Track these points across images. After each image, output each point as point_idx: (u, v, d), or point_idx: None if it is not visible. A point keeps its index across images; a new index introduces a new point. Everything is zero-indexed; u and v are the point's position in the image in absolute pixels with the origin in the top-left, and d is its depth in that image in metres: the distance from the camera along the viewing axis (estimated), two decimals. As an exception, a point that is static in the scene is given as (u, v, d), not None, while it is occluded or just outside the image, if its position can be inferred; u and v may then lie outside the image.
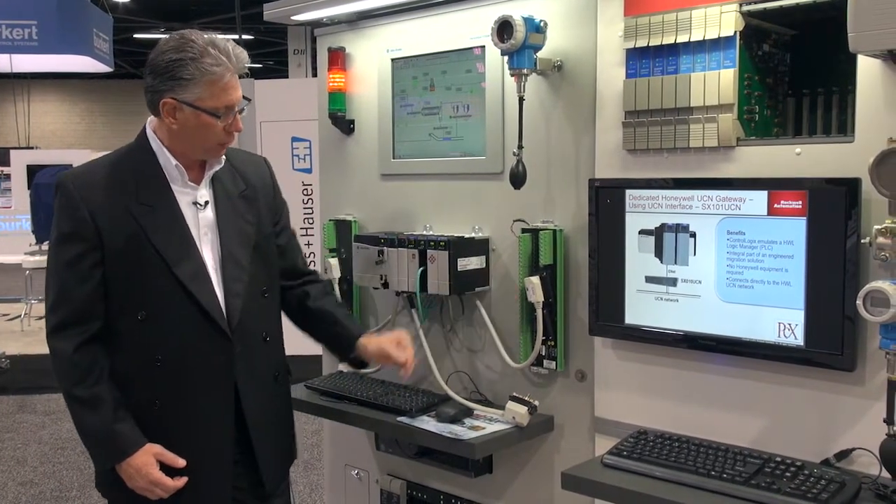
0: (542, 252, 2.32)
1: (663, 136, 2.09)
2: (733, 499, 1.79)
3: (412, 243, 2.48)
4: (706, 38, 2.01)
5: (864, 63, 1.79)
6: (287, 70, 13.28)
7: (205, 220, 2.14)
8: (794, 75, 2.17)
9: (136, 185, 2.08)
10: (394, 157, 2.76)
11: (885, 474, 1.75)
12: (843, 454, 1.86)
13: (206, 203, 2.15)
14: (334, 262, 2.87)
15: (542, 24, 2.24)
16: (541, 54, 2.28)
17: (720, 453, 1.94)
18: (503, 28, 2.20)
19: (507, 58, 2.26)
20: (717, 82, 2.00)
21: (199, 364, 2.10)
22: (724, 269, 1.99)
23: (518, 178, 2.29)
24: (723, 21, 1.97)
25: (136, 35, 16.45)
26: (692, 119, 2.04)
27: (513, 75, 2.26)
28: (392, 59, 2.73)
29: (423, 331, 2.64)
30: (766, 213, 1.92)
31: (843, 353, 1.82)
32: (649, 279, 2.12)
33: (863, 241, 1.78)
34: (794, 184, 1.88)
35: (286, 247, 2.36)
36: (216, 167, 2.17)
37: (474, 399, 2.53)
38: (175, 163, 2.10)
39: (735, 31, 1.97)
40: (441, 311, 2.65)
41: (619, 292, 2.17)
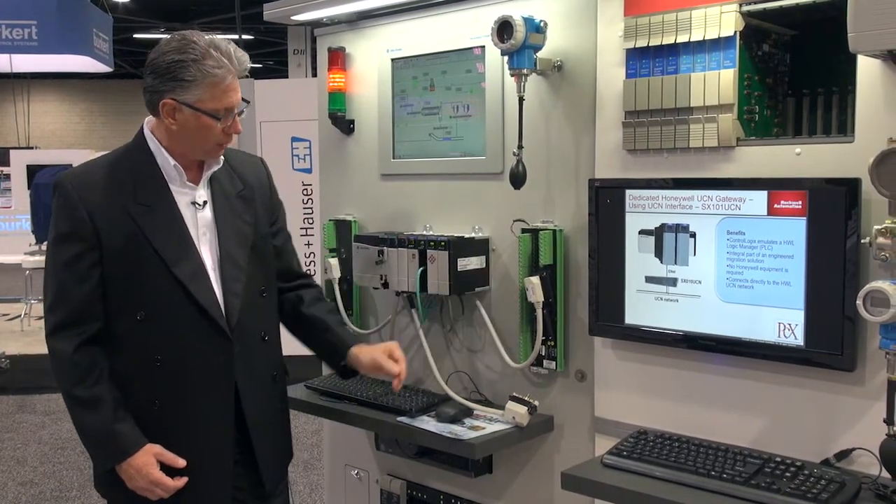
0: (542, 252, 2.32)
1: (663, 137, 2.09)
2: (733, 499, 1.79)
3: (412, 243, 2.48)
4: (706, 38, 2.01)
5: (864, 63, 1.79)
6: (287, 70, 13.28)
7: (203, 220, 2.14)
8: (794, 75, 2.17)
9: (134, 185, 2.08)
10: (394, 157, 2.76)
11: (885, 474, 1.75)
12: (843, 454, 1.86)
13: (205, 203, 2.15)
14: (334, 262, 2.87)
15: (542, 24, 2.24)
16: (541, 54, 2.28)
17: (720, 453, 1.94)
18: (503, 28, 2.20)
19: (507, 58, 2.26)
20: (717, 82, 2.00)
21: (199, 364, 2.10)
22: (724, 269, 1.99)
23: (518, 178, 2.29)
24: (723, 21, 1.97)
25: (136, 35, 16.46)
26: (692, 119, 2.04)
27: (513, 75, 2.26)
28: (392, 59, 2.73)
29: (423, 331, 2.64)
30: (766, 214, 1.92)
31: (843, 353, 1.82)
32: (649, 279, 2.12)
33: (863, 241, 1.78)
34: (794, 184, 1.88)
35: (282, 248, 2.36)
36: (214, 167, 2.17)
37: (474, 399, 2.53)
38: (173, 163, 2.10)
39: (735, 32, 1.97)
40: (441, 311, 2.65)
41: (619, 292, 2.17)
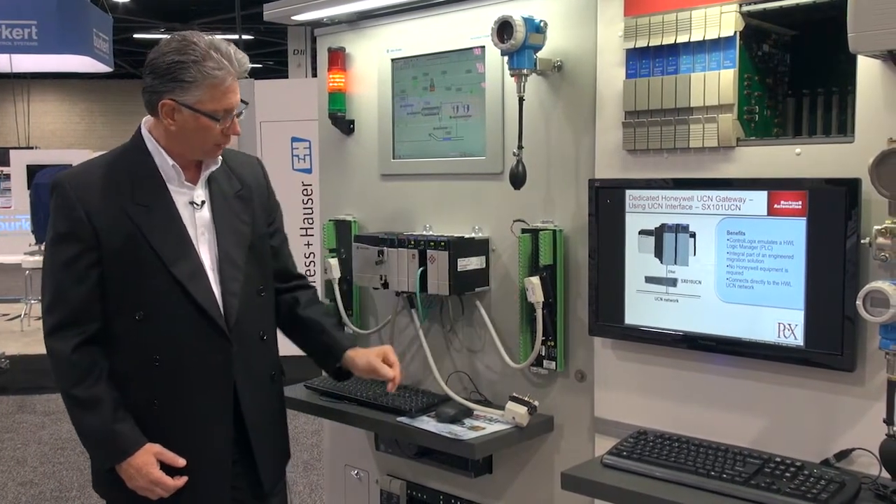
0: (541, 252, 2.32)
1: (663, 137, 2.09)
2: (733, 499, 1.79)
3: (412, 243, 2.48)
4: (706, 39, 2.01)
5: (863, 63, 1.79)
6: (287, 70, 13.27)
7: (201, 220, 2.14)
8: (794, 75, 2.17)
9: (132, 185, 2.08)
10: (394, 158, 2.76)
11: (885, 474, 1.75)
12: (843, 454, 1.86)
13: (203, 203, 2.15)
14: (334, 262, 2.87)
15: (542, 24, 2.24)
16: (541, 54, 2.28)
17: (720, 453, 1.94)
18: (503, 28, 2.20)
19: (507, 58, 2.26)
20: (717, 82, 2.00)
21: (198, 363, 2.10)
22: (724, 269, 1.99)
23: (518, 179, 2.29)
24: (723, 21, 1.97)
25: (136, 35, 16.46)
26: (692, 119, 2.04)
27: (513, 75, 2.26)
28: (392, 60, 2.73)
29: (422, 331, 2.64)
30: (765, 214, 1.92)
31: (843, 353, 1.82)
32: (649, 279, 2.12)
33: (863, 241, 1.78)
34: (793, 184, 1.88)
35: (279, 249, 2.37)
36: (212, 167, 2.17)
37: (474, 399, 2.53)
38: (172, 163, 2.10)
39: (735, 32, 1.97)
40: (441, 311, 2.65)
41: (619, 292, 2.17)
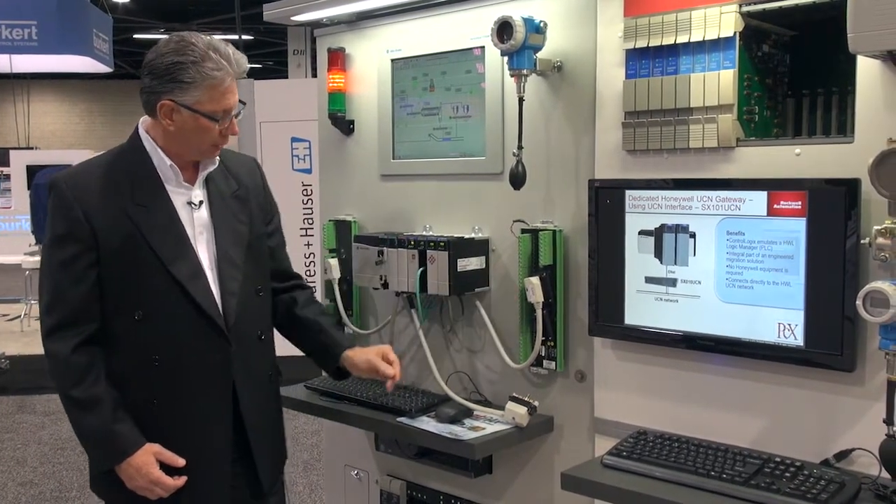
0: (541, 252, 2.32)
1: (663, 137, 2.09)
2: (733, 499, 1.79)
3: (412, 244, 2.48)
4: (706, 39, 2.01)
5: (863, 64, 1.79)
6: (287, 70, 13.26)
7: (200, 220, 2.14)
8: (794, 76, 2.17)
9: (130, 186, 2.08)
10: (393, 158, 2.76)
11: (885, 475, 1.75)
12: (843, 454, 1.86)
13: (201, 203, 2.15)
14: (334, 262, 2.87)
15: (541, 24, 2.24)
16: (541, 55, 2.28)
17: (720, 454, 1.94)
18: (503, 28, 2.20)
19: (506, 58, 2.26)
20: (717, 83, 2.00)
21: (197, 363, 2.10)
22: (724, 269, 1.99)
23: (518, 179, 2.29)
24: (722, 22, 1.97)
25: (136, 35, 16.45)
26: (692, 120, 2.04)
27: (512, 76, 2.26)
28: (392, 60, 2.73)
29: (422, 331, 2.64)
30: (765, 214, 1.92)
31: (843, 353, 1.82)
32: (649, 280, 2.12)
33: (862, 241, 1.78)
34: (793, 184, 1.88)
35: (277, 249, 2.37)
36: (210, 168, 2.17)
37: (474, 399, 2.53)
38: (170, 163, 2.11)
39: (735, 32, 1.97)
40: (441, 311, 2.65)
41: (619, 293, 2.17)
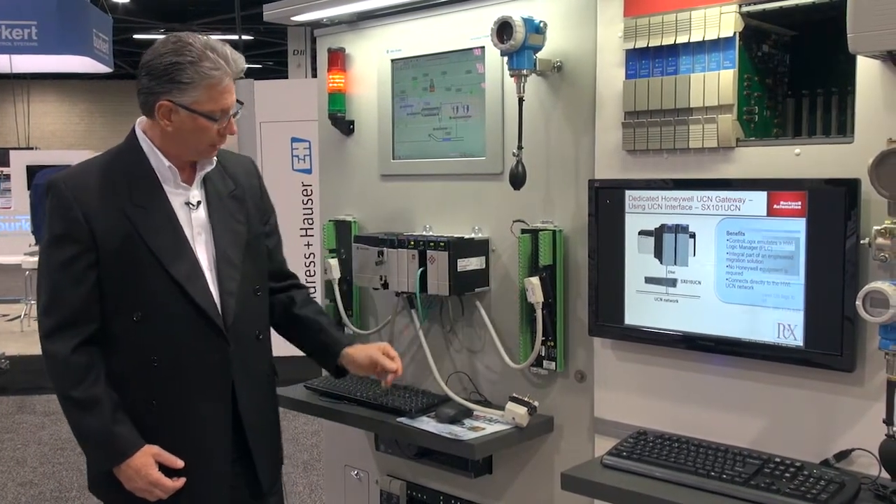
0: (541, 253, 2.32)
1: (663, 137, 2.09)
2: (733, 499, 1.79)
3: (412, 244, 2.48)
4: (706, 39, 2.01)
5: (863, 64, 1.79)
6: (287, 70, 13.26)
7: (198, 220, 2.14)
8: (794, 76, 2.17)
9: (128, 186, 2.08)
10: (393, 158, 2.76)
11: (885, 475, 1.75)
12: (843, 455, 1.86)
13: (199, 203, 2.15)
14: (334, 262, 2.87)
15: (541, 24, 2.24)
16: (540, 55, 2.28)
17: (720, 454, 1.94)
18: (503, 29, 2.20)
19: (506, 58, 2.26)
20: (717, 83, 2.00)
21: (196, 364, 2.10)
22: (724, 269, 1.99)
23: (518, 179, 2.29)
24: (722, 22, 1.97)
25: (136, 36, 16.45)
26: (692, 120, 2.04)
27: (512, 76, 2.26)
28: (392, 60, 2.73)
29: (422, 331, 2.64)
30: (765, 214, 1.92)
31: (843, 353, 1.82)
32: (649, 280, 2.12)
33: (862, 241, 1.78)
34: (793, 184, 1.88)
35: (273, 249, 2.38)
36: (207, 168, 2.17)
37: (474, 400, 2.53)
38: (168, 164, 2.11)
39: (735, 32, 1.97)
40: (441, 311, 2.65)
41: (619, 293, 2.17)
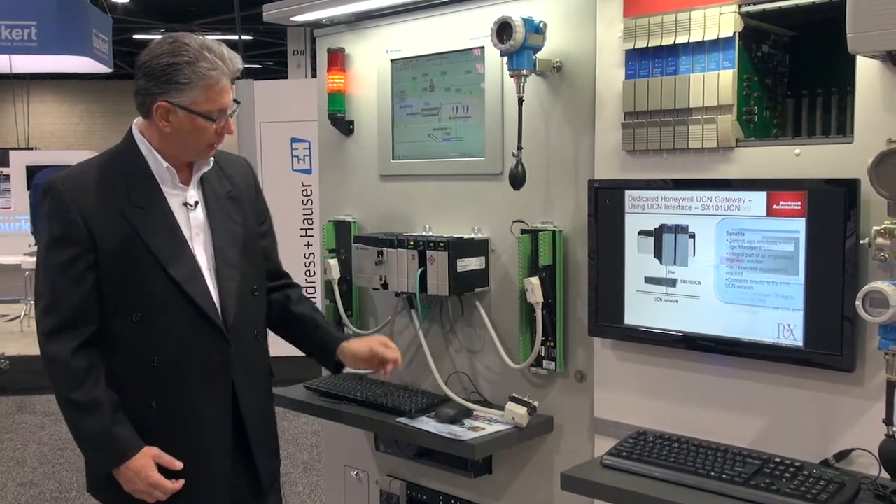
0: (541, 253, 2.32)
1: (663, 137, 2.09)
2: (732, 499, 1.79)
3: (412, 244, 2.48)
4: (705, 40, 2.01)
5: (863, 64, 1.79)
6: (286, 71, 13.25)
7: (196, 221, 2.14)
8: (794, 76, 2.17)
9: (127, 187, 2.08)
10: (393, 158, 2.76)
11: (885, 475, 1.75)
12: (843, 455, 1.86)
13: (197, 203, 2.16)
14: (334, 262, 2.87)
15: (541, 25, 2.24)
16: (540, 55, 2.28)
17: (719, 454, 1.94)
18: (503, 29, 2.20)
19: (506, 59, 2.26)
20: (717, 83, 2.00)
21: (196, 364, 2.10)
22: (724, 269, 1.99)
23: (517, 179, 2.29)
24: (722, 22, 1.97)
25: (136, 36, 16.44)
26: (691, 120, 2.04)
27: (512, 76, 2.26)
28: (391, 60, 2.73)
29: (422, 331, 2.64)
30: (765, 214, 1.92)
31: (843, 353, 1.82)
32: (649, 280, 2.12)
33: (862, 241, 1.78)
34: (793, 184, 1.88)
35: (269, 248, 2.38)
36: (205, 168, 2.17)
37: (474, 400, 2.53)
38: (166, 165, 2.11)
39: (734, 32, 1.97)
40: (440, 311, 2.65)
41: (619, 293, 2.17)
